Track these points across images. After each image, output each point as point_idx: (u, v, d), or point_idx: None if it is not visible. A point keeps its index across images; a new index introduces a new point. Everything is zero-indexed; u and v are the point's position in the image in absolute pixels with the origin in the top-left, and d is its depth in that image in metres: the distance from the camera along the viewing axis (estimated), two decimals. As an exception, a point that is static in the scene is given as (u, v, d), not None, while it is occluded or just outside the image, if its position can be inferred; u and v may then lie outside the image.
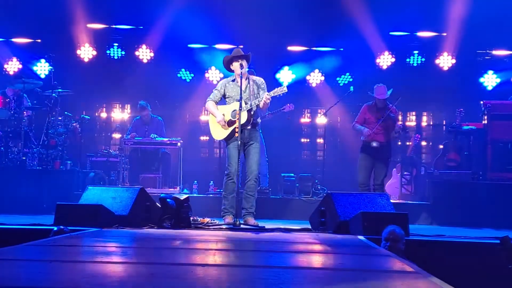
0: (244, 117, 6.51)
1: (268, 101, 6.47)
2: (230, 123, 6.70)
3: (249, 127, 6.62)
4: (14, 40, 11.42)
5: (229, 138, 6.74)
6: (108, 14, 11.10)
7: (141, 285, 2.64)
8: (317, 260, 4.05)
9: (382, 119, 8.13)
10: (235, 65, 6.68)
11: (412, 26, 11.01)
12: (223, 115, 6.75)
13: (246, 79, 6.72)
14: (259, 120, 6.90)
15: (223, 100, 6.91)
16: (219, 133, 6.83)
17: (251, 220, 6.59)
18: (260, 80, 6.83)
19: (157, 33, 11.12)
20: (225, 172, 6.79)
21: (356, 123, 8.42)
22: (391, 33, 11.15)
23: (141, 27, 11.30)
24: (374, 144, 8.15)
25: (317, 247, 4.80)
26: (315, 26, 10.79)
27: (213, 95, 6.88)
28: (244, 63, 6.63)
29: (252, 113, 6.60)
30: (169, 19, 10.73)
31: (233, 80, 6.81)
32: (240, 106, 6.45)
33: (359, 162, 8.33)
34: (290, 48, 11.52)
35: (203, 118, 11.77)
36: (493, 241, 5.55)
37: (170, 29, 10.96)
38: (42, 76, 11.22)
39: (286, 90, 6.53)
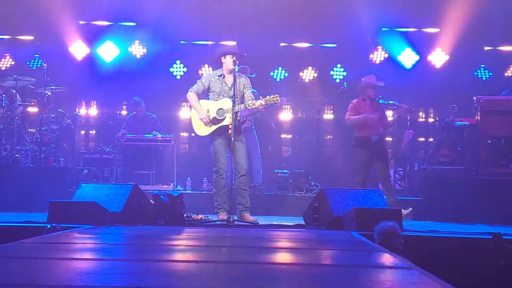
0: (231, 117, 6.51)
1: (263, 108, 6.68)
2: (215, 121, 6.68)
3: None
4: (7, 37, 11.33)
5: (215, 134, 6.72)
6: (102, 10, 11.01)
7: (135, 282, 2.64)
8: (310, 256, 4.06)
9: (381, 107, 7.98)
10: (228, 60, 6.64)
11: (405, 21, 11.00)
12: (208, 110, 6.71)
13: (233, 77, 6.63)
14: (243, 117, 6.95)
15: (205, 93, 6.86)
16: (203, 129, 6.78)
17: (249, 217, 6.59)
18: (246, 79, 6.80)
19: (150, 29, 11.07)
20: (214, 169, 6.80)
21: (350, 117, 8.14)
22: (384, 29, 11.15)
23: (134, 24, 11.23)
24: (374, 138, 7.88)
25: (311, 243, 4.81)
26: (310, 23, 10.76)
27: (197, 86, 6.81)
28: (236, 61, 6.61)
29: (238, 114, 6.62)
30: (162, 15, 10.67)
31: (220, 75, 6.77)
32: (234, 102, 6.45)
33: (358, 159, 7.97)
34: (283, 44, 11.49)
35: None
36: (486, 236, 5.58)
37: (163, 25, 10.91)
38: (34, 68, 11.11)
39: (279, 101, 6.61)
